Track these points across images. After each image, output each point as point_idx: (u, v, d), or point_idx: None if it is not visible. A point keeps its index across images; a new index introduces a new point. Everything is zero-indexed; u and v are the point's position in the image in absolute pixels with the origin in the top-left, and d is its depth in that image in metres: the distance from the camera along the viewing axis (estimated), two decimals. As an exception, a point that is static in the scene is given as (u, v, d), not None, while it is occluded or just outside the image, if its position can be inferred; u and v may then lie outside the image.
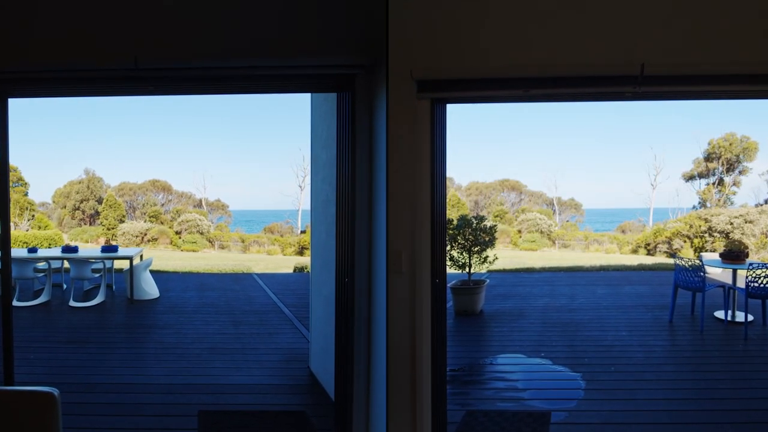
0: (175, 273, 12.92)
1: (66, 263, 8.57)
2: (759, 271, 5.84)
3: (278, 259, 22.61)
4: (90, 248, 9.62)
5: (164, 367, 4.94)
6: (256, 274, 11.93)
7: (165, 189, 40.75)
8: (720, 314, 6.66)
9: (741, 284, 6.64)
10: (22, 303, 7.65)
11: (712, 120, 56.14)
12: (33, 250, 8.69)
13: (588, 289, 9.00)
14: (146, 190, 40.37)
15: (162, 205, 39.14)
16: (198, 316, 7.12)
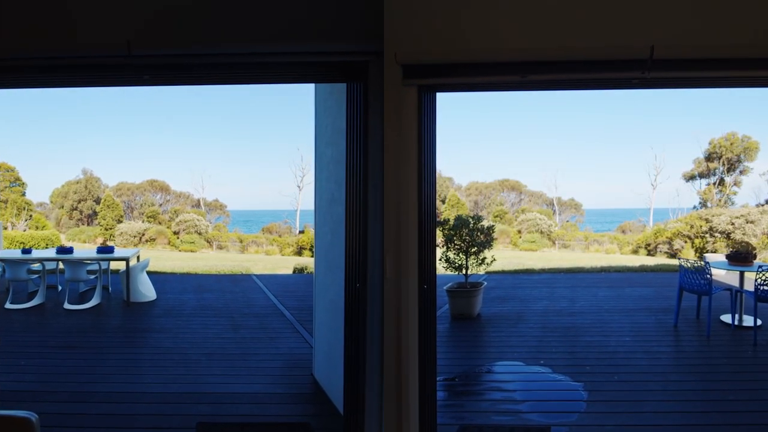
0: (173, 274, 12.69)
1: (61, 264, 8.35)
2: (769, 274, 5.63)
3: (277, 260, 22.40)
4: (87, 249, 9.39)
5: (160, 375, 4.71)
6: (255, 275, 11.70)
7: (163, 189, 40.52)
8: (726, 318, 6.44)
9: (748, 287, 6.45)
10: (16, 305, 7.43)
11: (713, 119, 56.16)
12: (27, 251, 8.45)
13: (589, 291, 8.79)
14: (144, 190, 40.12)
15: (160, 205, 38.90)
16: (196, 320, 6.90)
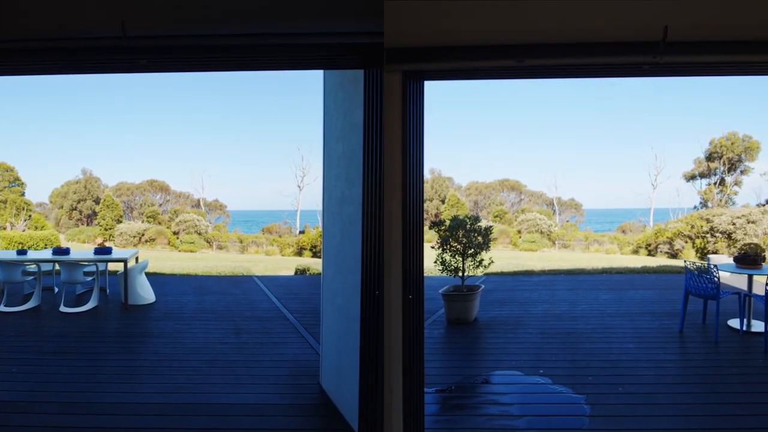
0: (173, 275, 12.43)
1: (57, 266, 8.10)
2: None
3: (277, 260, 22.15)
4: (86, 249, 9.16)
5: (159, 383, 4.46)
6: (257, 277, 11.45)
7: (163, 189, 40.29)
8: (734, 323, 6.17)
9: (757, 290, 6.19)
10: (10, 308, 7.19)
11: (714, 119, 55.97)
12: (22, 252, 8.19)
13: (590, 294, 8.53)
14: (144, 190, 39.89)
15: (160, 206, 38.67)
16: (196, 323, 6.64)
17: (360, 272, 2.59)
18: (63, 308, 7.20)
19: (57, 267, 8.30)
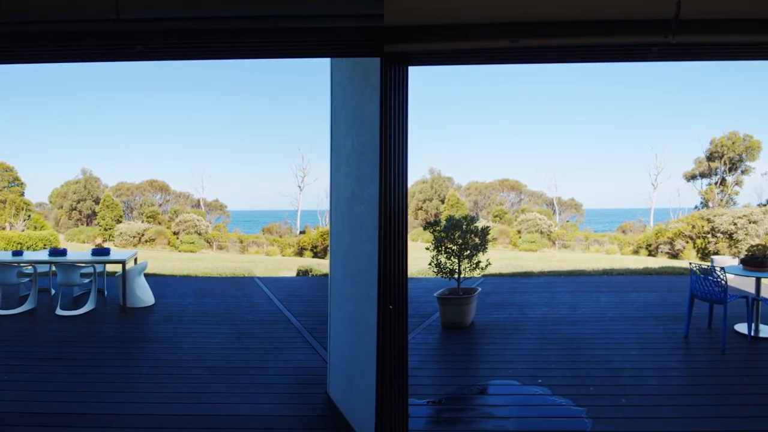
0: (172, 276, 12.21)
1: (54, 267, 7.89)
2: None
3: (278, 260, 21.95)
4: (85, 250, 8.94)
5: (157, 393, 4.23)
6: (258, 278, 11.23)
7: (163, 189, 40.08)
8: (741, 328, 5.92)
9: (765, 293, 5.95)
10: (5, 311, 6.98)
11: (714, 118, 55.75)
12: (18, 253, 7.97)
13: (591, 297, 8.26)
14: (144, 190, 39.68)
15: (160, 206, 38.47)
16: (196, 327, 6.43)
17: (376, 278, 2.36)
18: (59, 311, 6.99)
19: (54, 268, 8.08)
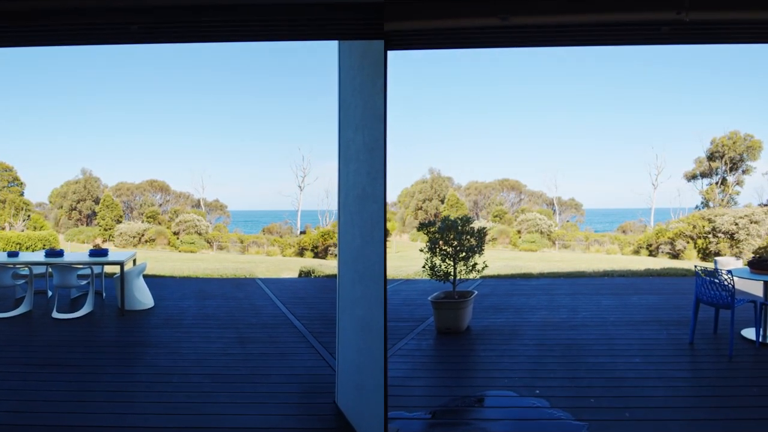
0: (172, 278, 12.00)
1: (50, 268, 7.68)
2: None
3: (279, 261, 21.75)
4: (83, 250, 8.73)
5: (156, 402, 4.01)
6: (260, 279, 11.01)
7: (163, 189, 39.89)
8: (748, 333, 5.68)
9: None
10: (0, 314, 6.75)
11: (715, 117, 55.54)
12: (13, 254, 7.75)
13: (591, 300, 8.01)
14: (144, 190, 39.49)
15: (160, 206, 38.27)
16: (197, 331, 6.21)
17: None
18: (56, 314, 6.77)
19: (50, 270, 7.87)
